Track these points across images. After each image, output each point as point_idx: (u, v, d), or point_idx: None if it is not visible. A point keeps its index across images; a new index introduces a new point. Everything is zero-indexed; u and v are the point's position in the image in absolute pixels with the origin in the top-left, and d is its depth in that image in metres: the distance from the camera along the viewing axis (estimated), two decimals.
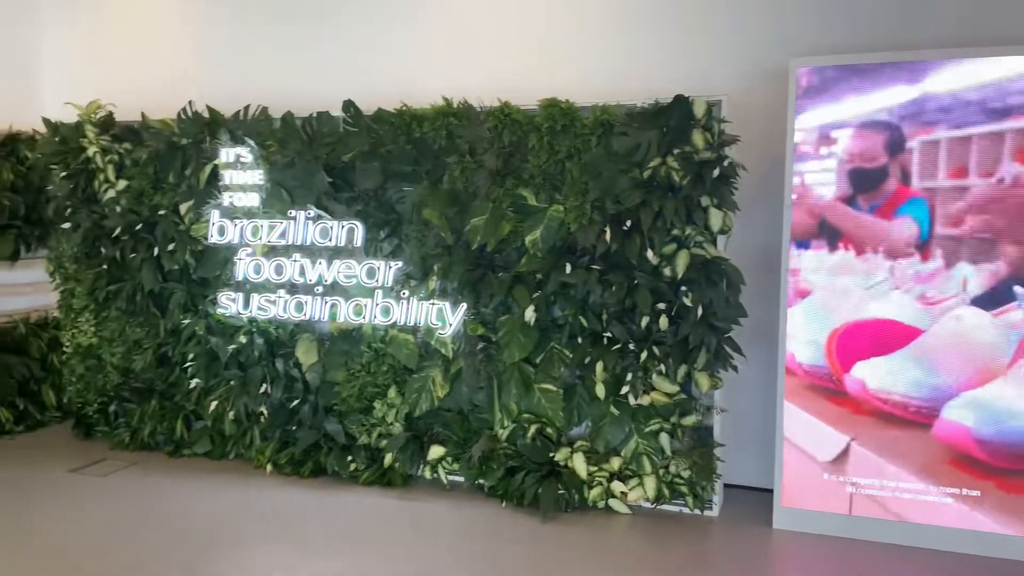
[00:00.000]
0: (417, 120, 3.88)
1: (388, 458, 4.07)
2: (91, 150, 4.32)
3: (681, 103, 3.48)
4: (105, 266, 4.46)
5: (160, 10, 4.95)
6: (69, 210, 4.49)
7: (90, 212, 4.44)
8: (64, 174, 4.41)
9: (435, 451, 4.01)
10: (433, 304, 3.94)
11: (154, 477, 4.17)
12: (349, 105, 3.97)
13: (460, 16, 4.32)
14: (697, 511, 3.70)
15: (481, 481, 3.93)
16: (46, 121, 4.49)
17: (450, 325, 3.91)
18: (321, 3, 4.56)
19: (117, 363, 4.56)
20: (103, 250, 4.45)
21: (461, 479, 4.02)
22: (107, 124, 4.42)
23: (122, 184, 4.33)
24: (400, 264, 3.99)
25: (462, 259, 3.84)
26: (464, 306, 3.88)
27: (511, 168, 3.76)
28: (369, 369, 4.08)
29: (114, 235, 4.39)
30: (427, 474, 4.06)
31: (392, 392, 4.07)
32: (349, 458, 4.12)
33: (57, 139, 4.42)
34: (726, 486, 3.95)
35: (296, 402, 4.23)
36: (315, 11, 4.57)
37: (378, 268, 4.01)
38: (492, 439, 3.90)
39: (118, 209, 4.36)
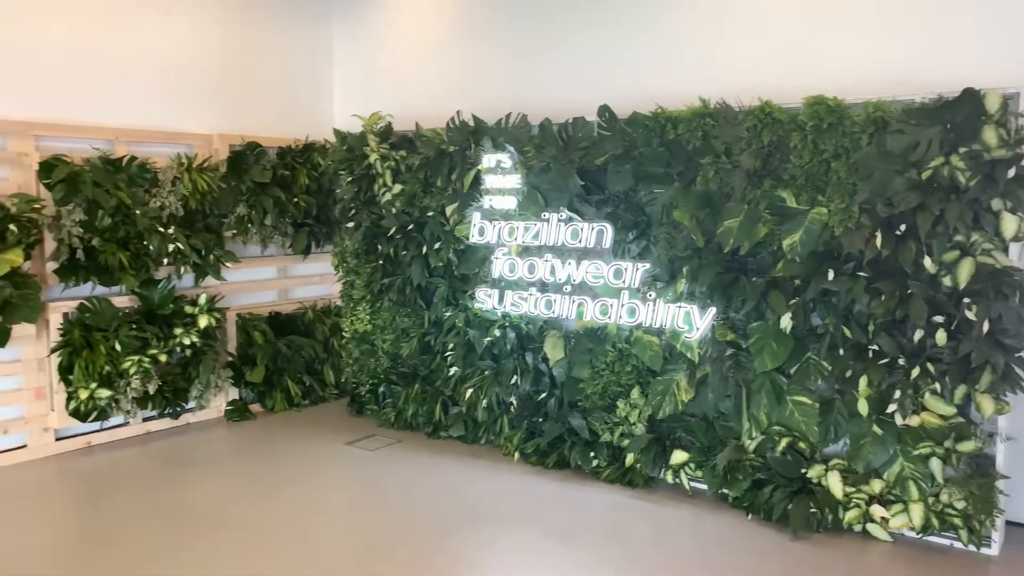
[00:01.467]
0: (672, 122, 3.88)
1: (630, 458, 4.11)
2: (372, 157, 4.82)
3: (970, 97, 3.16)
4: (381, 262, 4.96)
5: (432, 30, 5.40)
6: (352, 211, 5.04)
7: (370, 213, 4.96)
8: (350, 179, 4.96)
9: (678, 456, 3.99)
10: (680, 307, 3.91)
11: (415, 455, 4.56)
12: (604, 110, 4.07)
13: (718, 16, 4.26)
14: (972, 547, 3.33)
15: (725, 491, 3.84)
16: (336, 132, 5.09)
17: (697, 329, 3.86)
18: (577, 13, 4.72)
19: (387, 349, 5.05)
20: (379, 247, 4.95)
21: (704, 487, 3.96)
22: (386, 134, 4.91)
23: (397, 188, 4.78)
24: (648, 266, 4.01)
25: (713, 262, 3.78)
26: (713, 310, 3.82)
27: (769, 169, 3.64)
28: (613, 368, 4.15)
29: (389, 234, 4.86)
30: (668, 478, 4.05)
31: (635, 393, 4.10)
32: (592, 454, 4.22)
33: (345, 148, 4.98)
34: (1009, 523, 3.52)
35: (543, 395, 4.42)
36: (571, 21, 4.74)
37: (625, 269, 4.06)
38: (738, 449, 3.80)
39: (393, 211, 4.83)
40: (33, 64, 4.30)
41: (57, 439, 4.50)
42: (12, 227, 4.00)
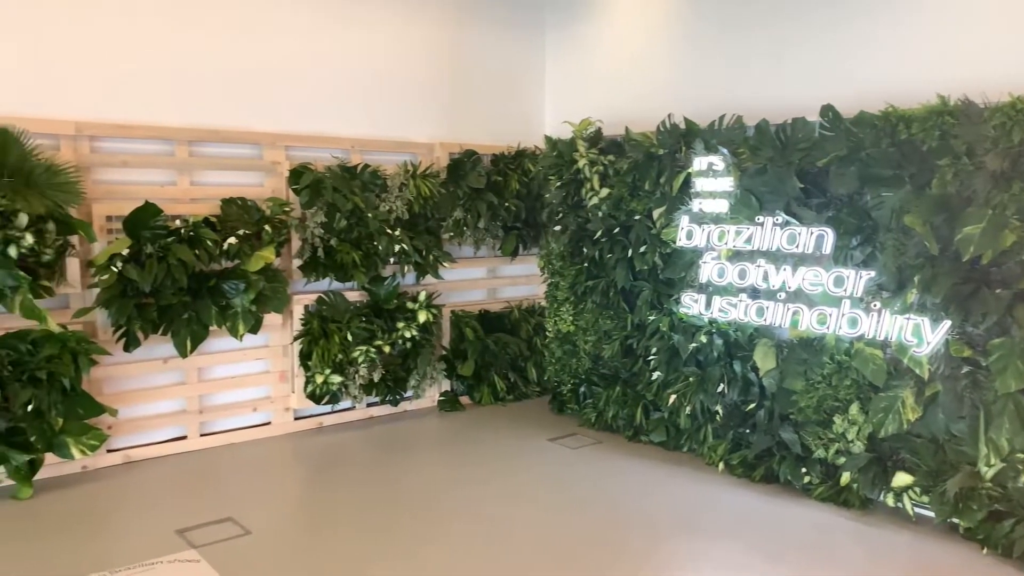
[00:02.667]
0: (904, 121, 3.62)
1: (845, 476, 3.89)
2: (581, 162, 4.93)
3: None
4: (585, 264, 5.06)
5: (643, 35, 5.42)
6: (560, 215, 5.18)
7: (576, 217, 5.08)
8: (558, 184, 5.11)
9: (901, 478, 3.72)
10: (909, 319, 3.64)
11: (615, 457, 4.61)
12: (827, 109, 3.88)
13: (961, 6, 3.91)
14: None
15: (955, 520, 3.53)
16: (547, 138, 5.25)
17: (928, 343, 3.58)
18: (796, 8, 4.53)
19: (589, 350, 5.14)
20: (585, 250, 5.05)
21: (930, 513, 3.66)
22: (595, 139, 5.00)
23: (604, 192, 4.85)
24: (872, 274, 3.77)
25: (948, 271, 3.49)
26: (947, 323, 3.52)
27: (1019, 171, 3.29)
28: (830, 381, 3.94)
29: (595, 237, 4.94)
30: (889, 501, 3.78)
31: (854, 408, 3.88)
32: (803, 469, 4.04)
33: (555, 153, 5.14)
34: None
35: (751, 405, 4.29)
36: (790, 17, 4.56)
37: (847, 277, 3.85)
38: (973, 476, 3.47)
39: (599, 214, 4.90)
40: (285, 85, 4.84)
41: (295, 418, 5.03)
42: (267, 228, 4.53)
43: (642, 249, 4.69)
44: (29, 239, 3.70)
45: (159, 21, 4.35)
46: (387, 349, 5.08)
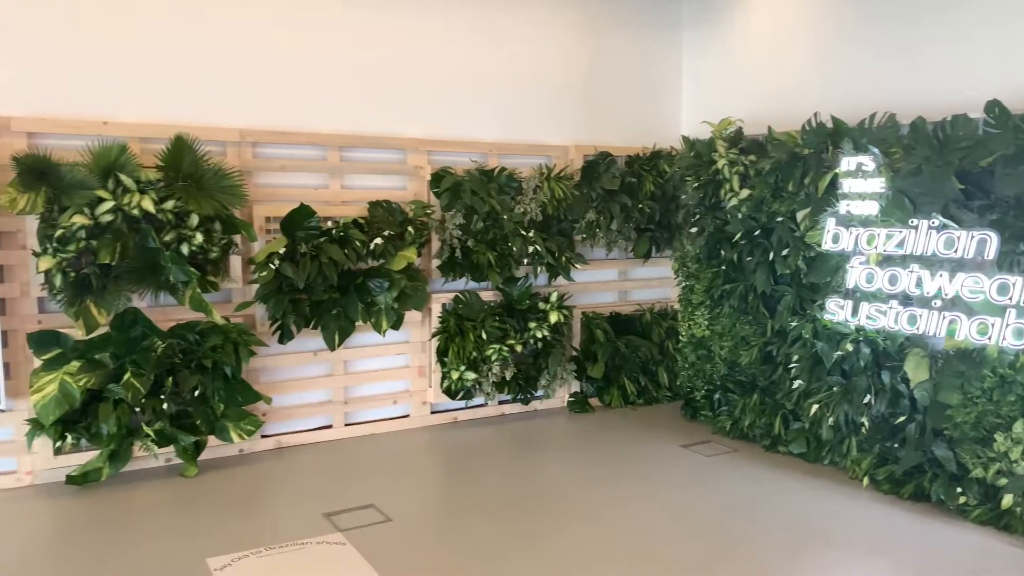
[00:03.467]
0: None
1: (1008, 499, 3.61)
2: (720, 163, 4.83)
3: None
4: (723, 267, 4.94)
5: (787, 31, 5.24)
6: (696, 216, 5.10)
7: (714, 218, 4.97)
8: (696, 185, 5.02)
9: None
10: None
11: (752, 467, 4.48)
12: (993, 106, 3.62)
13: None
14: None
15: None
16: (684, 139, 5.18)
17: None
18: (954, 5, 4.25)
19: (725, 356, 5.02)
20: (722, 253, 4.93)
21: None
22: (736, 139, 4.88)
23: (744, 193, 4.73)
24: None
25: None
26: None
27: None
28: (991, 396, 3.67)
29: (733, 240, 4.83)
30: None
31: (1019, 426, 3.59)
32: (958, 489, 3.79)
33: (692, 154, 5.05)
34: None
35: (901, 419, 4.06)
36: (946, 6, 4.28)
37: (1013, 284, 3.57)
38: None
39: (739, 216, 4.78)
40: (428, 92, 5.02)
41: (432, 412, 5.21)
42: (410, 229, 4.72)
43: (784, 252, 4.54)
44: (199, 238, 4.04)
45: (313, 34, 4.63)
46: (519, 348, 5.17)
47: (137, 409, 4.02)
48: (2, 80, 3.85)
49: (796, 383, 4.54)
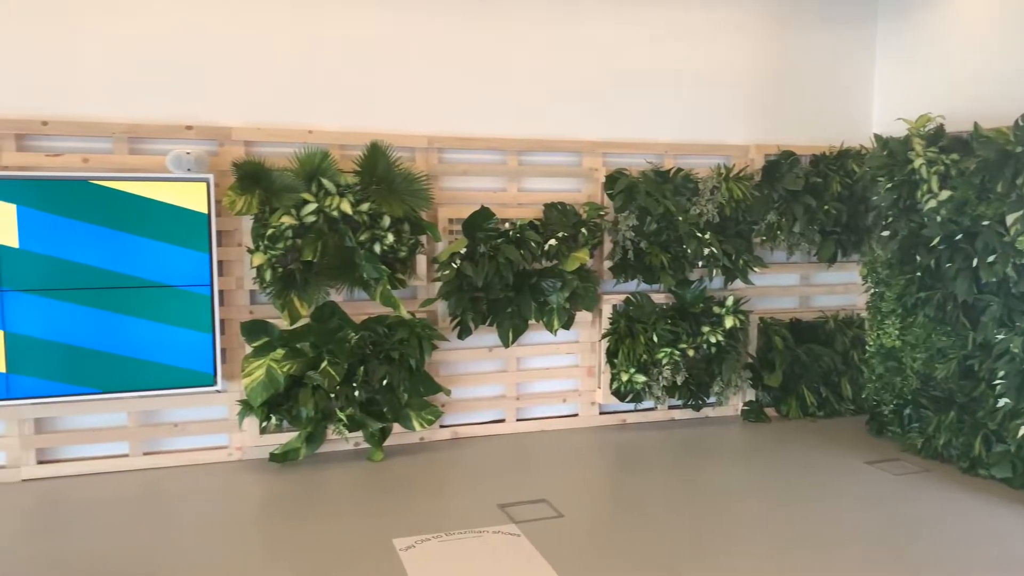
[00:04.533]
0: None
1: None
2: (917, 162, 4.50)
3: None
4: (918, 273, 4.61)
5: (997, 20, 4.79)
6: (889, 219, 4.78)
7: (908, 221, 4.64)
8: (889, 185, 4.71)
9: None
10: None
11: (947, 490, 4.15)
12: None
13: None
14: None
15: None
16: (876, 136, 4.87)
17: None
18: None
19: (917, 368, 4.67)
20: (918, 258, 4.60)
21: None
22: (936, 136, 4.53)
23: (944, 194, 4.38)
24: None
25: None
26: None
27: None
28: None
29: (931, 244, 4.48)
30: None
31: None
32: None
33: (885, 153, 4.74)
34: None
35: None
36: None
37: None
38: None
39: (937, 219, 4.43)
40: (605, 95, 5.06)
41: (600, 413, 5.24)
42: (583, 230, 4.79)
43: (991, 259, 4.16)
44: (390, 238, 4.31)
45: (495, 45, 4.79)
46: (691, 353, 5.09)
47: (332, 395, 4.35)
48: (226, 95, 4.30)
49: (1001, 401, 4.15)
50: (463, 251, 4.54)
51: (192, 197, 4.07)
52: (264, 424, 4.34)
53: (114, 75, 4.10)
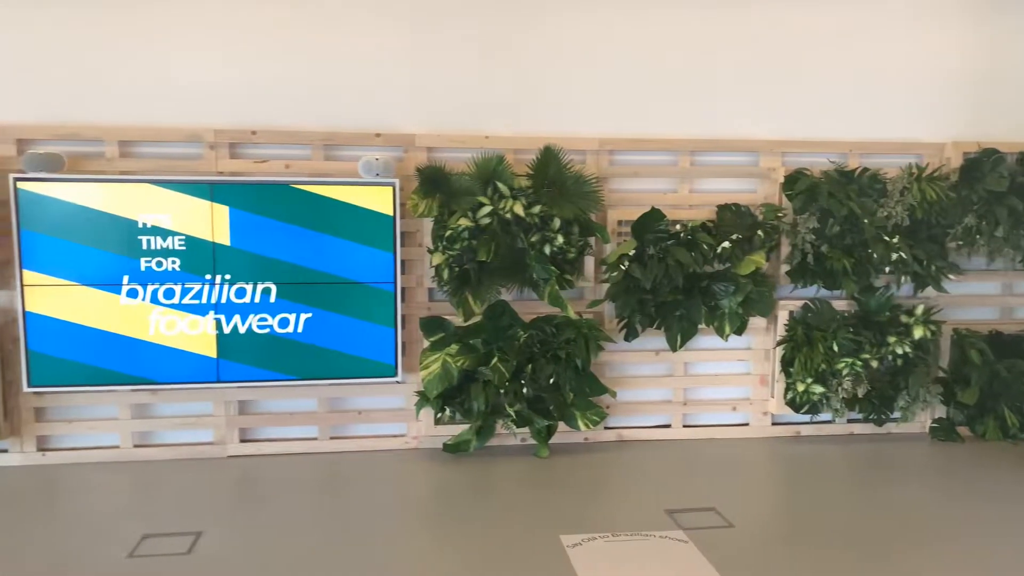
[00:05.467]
0: None
1: None
2: None
3: None
4: None
5: None
6: None
7: None
8: None
9: None
10: None
11: None
12: None
13: None
14: None
15: None
16: None
17: None
18: None
19: None
20: None
21: None
22: None
23: None
24: None
25: None
26: None
27: None
28: None
29: None
30: None
31: None
32: None
33: None
34: None
35: None
36: None
37: None
38: None
39: None
40: (782, 90, 4.87)
41: (772, 423, 5.04)
42: (759, 233, 4.63)
43: None
44: (560, 240, 4.38)
45: (663, 42, 4.74)
46: (875, 364, 4.78)
47: (501, 391, 4.48)
48: (409, 105, 4.55)
49: None
50: (632, 253, 4.53)
51: (379, 200, 4.35)
52: (439, 415, 4.55)
53: (313, 87, 4.46)
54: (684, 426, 4.99)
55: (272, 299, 4.33)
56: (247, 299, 4.31)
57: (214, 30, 4.35)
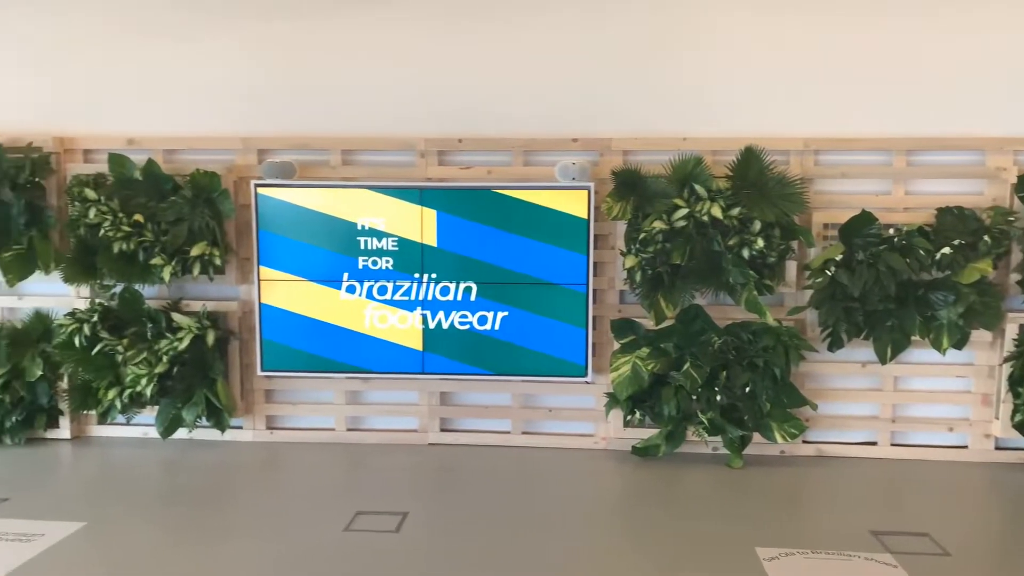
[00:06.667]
0: None
1: None
2: None
3: None
4: None
5: None
6: None
7: None
8: None
9: None
10: None
11: None
12: None
13: None
14: None
15: None
16: None
17: None
18: None
19: None
20: None
21: None
22: None
23: None
24: None
25: None
26: None
27: None
28: None
29: None
30: None
31: None
32: None
33: None
34: None
35: None
36: None
37: None
38: None
39: None
40: (1013, 84, 4.41)
41: (996, 448, 4.58)
42: (985, 238, 4.23)
43: None
44: (759, 243, 4.25)
45: (875, 38, 4.46)
46: None
47: (693, 397, 4.42)
48: (605, 109, 4.62)
49: None
50: (839, 258, 4.30)
51: (574, 203, 4.44)
52: (628, 417, 4.57)
53: (511, 96, 4.65)
54: (892, 444, 4.65)
55: (473, 297, 4.56)
56: (450, 297, 4.57)
57: (420, 53, 4.65)
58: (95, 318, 4.57)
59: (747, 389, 4.39)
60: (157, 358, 4.52)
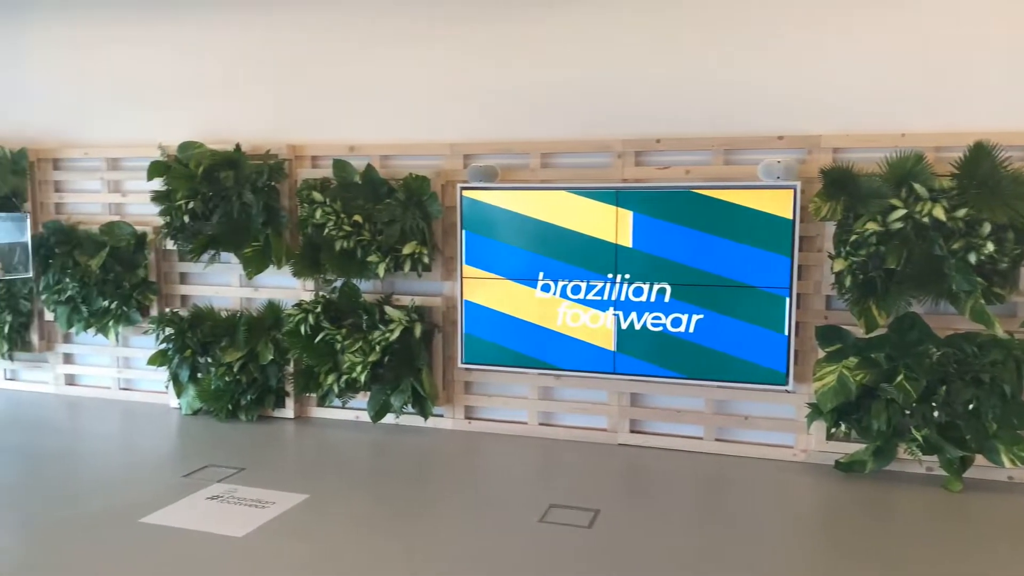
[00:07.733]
0: None
1: None
2: None
3: None
4: None
5: None
6: None
7: None
8: None
9: None
10: None
11: None
12: None
13: None
14: None
15: None
16: None
17: None
18: None
19: None
20: None
21: None
22: None
23: None
24: None
25: None
26: None
27: None
28: None
29: None
30: None
31: None
32: None
33: None
34: None
35: None
36: None
37: None
38: None
39: None
40: None
41: None
42: None
43: None
44: (989, 247, 3.87)
45: None
46: None
47: (906, 412, 4.11)
48: (814, 104, 4.41)
49: None
50: None
51: (778, 204, 4.28)
52: (832, 430, 4.33)
53: (714, 95, 4.56)
54: None
55: (666, 299, 4.53)
56: (643, 298, 4.56)
57: (617, 53, 4.69)
58: (318, 309, 5.04)
59: (970, 406, 4.02)
60: (371, 347, 4.90)
